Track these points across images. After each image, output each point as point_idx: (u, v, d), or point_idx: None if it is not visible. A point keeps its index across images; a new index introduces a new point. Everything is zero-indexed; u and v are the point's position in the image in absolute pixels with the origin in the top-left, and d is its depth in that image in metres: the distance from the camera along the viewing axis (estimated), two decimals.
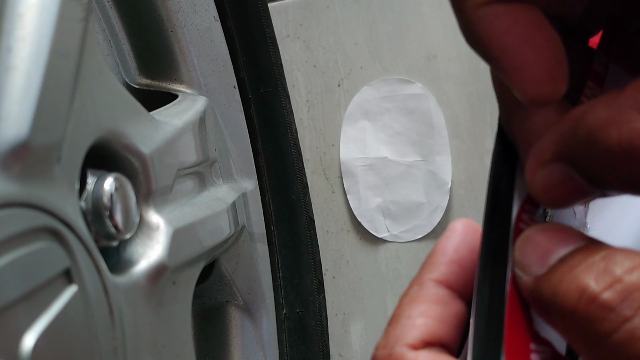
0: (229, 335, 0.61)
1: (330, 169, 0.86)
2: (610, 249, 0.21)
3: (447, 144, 0.84)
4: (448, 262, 0.26)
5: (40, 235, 0.30)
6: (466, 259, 0.26)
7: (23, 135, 0.29)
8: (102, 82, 0.38)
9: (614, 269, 0.20)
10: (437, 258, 0.27)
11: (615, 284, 0.20)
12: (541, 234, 0.23)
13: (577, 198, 0.23)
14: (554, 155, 0.23)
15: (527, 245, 0.23)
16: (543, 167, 0.23)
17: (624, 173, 0.21)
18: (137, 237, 0.41)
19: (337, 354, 0.85)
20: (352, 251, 0.86)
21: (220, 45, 0.60)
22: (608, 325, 0.20)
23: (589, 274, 0.21)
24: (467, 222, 0.27)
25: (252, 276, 0.62)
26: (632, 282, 0.20)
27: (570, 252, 0.22)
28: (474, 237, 0.27)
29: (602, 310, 0.20)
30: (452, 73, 0.85)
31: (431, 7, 0.85)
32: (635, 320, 0.20)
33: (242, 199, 0.59)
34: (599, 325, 0.20)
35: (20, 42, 0.31)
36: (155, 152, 0.43)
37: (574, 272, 0.21)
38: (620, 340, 0.20)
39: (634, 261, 0.21)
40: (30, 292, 0.28)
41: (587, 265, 0.21)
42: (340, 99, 0.86)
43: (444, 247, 0.27)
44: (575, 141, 0.22)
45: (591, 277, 0.21)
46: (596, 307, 0.20)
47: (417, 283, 0.26)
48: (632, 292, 0.20)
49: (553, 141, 0.23)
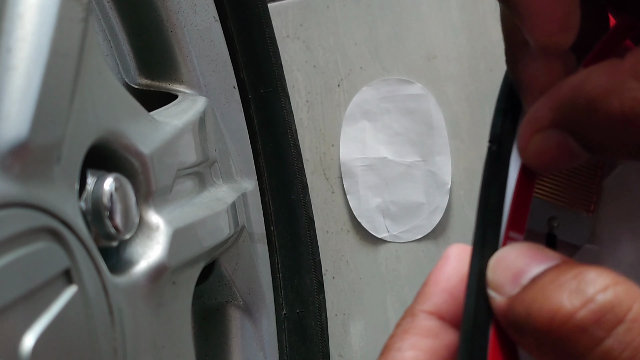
0: (229, 336, 0.61)
1: (330, 169, 0.86)
2: (583, 267, 0.21)
3: (447, 144, 0.84)
4: (440, 292, 0.26)
5: (40, 236, 0.29)
6: (458, 288, 0.26)
7: (23, 135, 0.29)
8: (102, 82, 0.38)
9: (586, 288, 0.20)
10: (430, 288, 0.26)
11: (589, 304, 0.20)
12: (514, 252, 0.23)
13: (569, 163, 0.24)
14: (552, 122, 0.23)
15: (499, 264, 0.23)
16: (539, 133, 0.23)
17: (622, 140, 0.21)
18: (137, 238, 0.41)
19: (337, 354, 0.85)
20: (352, 251, 0.86)
21: (220, 45, 0.60)
22: (582, 346, 0.20)
23: (562, 293, 0.20)
24: (460, 249, 0.27)
25: (252, 276, 0.62)
26: (605, 301, 0.20)
27: (543, 271, 0.22)
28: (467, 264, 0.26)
29: (576, 331, 0.20)
30: (452, 73, 0.85)
31: (431, 7, 0.85)
32: (608, 341, 0.19)
33: (242, 199, 0.59)
34: (573, 346, 0.20)
35: (20, 42, 0.31)
36: (155, 152, 0.43)
37: (546, 292, 0.21)
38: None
39: (606, 280, 0.20)
40: (30, 292, 0.28)
41: (559, 284, 0.21)
42: (340, 99, 0.86)
43: (437, 277, 0.26)
44: (574, 109, 0.22)
45: (564, 296, 0.20)
46: (570, 327, 0.20)
47: (410, 314, 0.26)
48: (605, 313, 0.20)
49: (550, 108, 0.23)
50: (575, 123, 0.22)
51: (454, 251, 0.27)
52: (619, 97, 0.21)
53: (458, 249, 0.27)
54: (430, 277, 0.26)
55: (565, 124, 0.23)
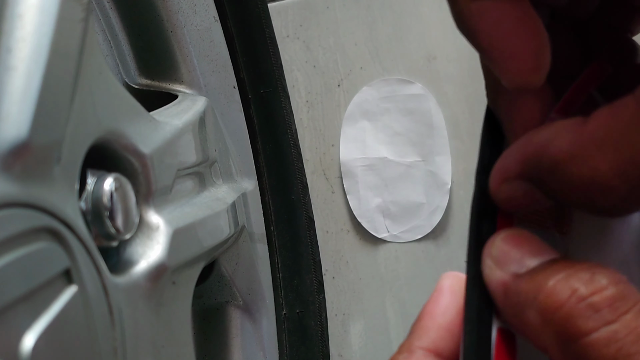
0: (229, 335, 0.61)
1: (330, 169, 0.86)
2: (592, 263, 0.23)
3: (446, 144, 0.84)
4: (437, 327, 0.26)
5: (40, 236, 0.30)
6: (454, 323, 0.26)
7: (23, 135, 0.29)
8: (102, 82, 0.38)
9: (600, 279, 0.22)
10: (426, 323, 0.27)
11: (603, 290, 0.22)
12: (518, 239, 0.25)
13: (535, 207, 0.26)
14: (518, 174, 0.25)
15: (505, 245, 0.25)
16: (507, 182, 0.26)
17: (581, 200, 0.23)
18: (137, 238, 0.41)
19: (336, 354, 0.85)
20: (352, 251, 0.86)
21: (220, 45, 0.60)
22: (591, 324, 0.21)
23: (578, 279, 0.22)
24: (454, 279, 0.27)
25: (252, 276, 0.62)
26: (617, 291, 0.22)
27: (551, 260, 0.24)
28: (462, 297, 0.27)
29: (589, 310, 0.21)
30: (451, 74, 0.85)
31: (431, 7, 0.85)
32: (615, 325, 0.21)
33: (242, 199, 0.59)
34: (582, 323, 0.21)
35: (20, 43, 0.31)
36: (155, 152, 0.43)
37: (562, 275, 0.22)
38: (599, 339, 0.21)
39: (616, 276, 0.22)
40: (30, 292, 0.28)
41: (575, 271, 0.22)
42: (340, 99, 0.86)
43: (432, 311, 0.27)
44: (539, 167, 0.24)
45: (580, 282, 0.22)
46: (584, 306, 0.22)
47: (407, 350, 0.26)
48: (616, 300, 0.22)
49: (518, 161, 0.25)
50: (540, 179, 0.24)
51: (448, 282, 0.27)
52: (578, 165, 0.23)
53: (451, 279, 0.27)
54: (425, 310, 0.27)
55: (530, 177, 0.25)
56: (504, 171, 0.26)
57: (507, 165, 0.26)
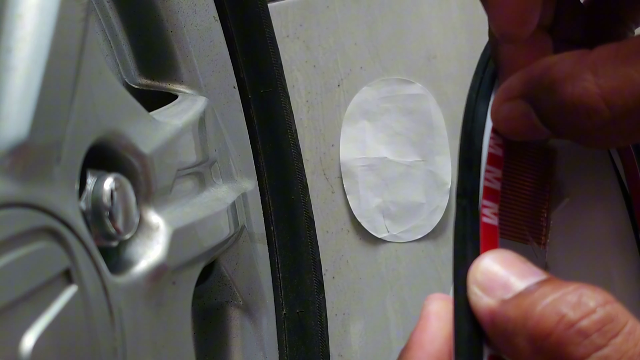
0: (229, 336, 0.61)
1: (330, 169, 0.86)
2: (579, 284, 0.23)
3: (446, 144, 0.84)
4: (426, 356, 0.26)
5: (40, 236, 0.29)
6: (443, 351, 0.26)
7: (23, 135, 0.29)
8: (102, 82, 0.38)
9: (587, 301, 0.22)
10: (415, 352, 0.26)
11: (592, 314, 0.22)
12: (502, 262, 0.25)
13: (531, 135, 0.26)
14: (520, 93, 0.26)
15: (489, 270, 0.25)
16: (509, 101, 0.26)
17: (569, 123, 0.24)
18: (137, 238, 0.41)
19: (337, 354, 0.85)
20: (352, 251, 0.86)
21: (220, 45, 0.60)
22: (582, 351, 0.21)
23: (565, 304, 0.22)
24: (439, 303, 0.27)
25: (252, 276, 0.62)
26: (605, 313, 0.22)
27: (538, 282, 0.23)
28: (449, 322, 0.27)
29: (578, 336, 0.21)
30: (451, 73, 0.85)
31: (431, 7, 0.85)
32: (606, 350, 0.21)
33: (242, 199, 0.59)
34: (573, 350, 0.21)
35: (20, 43, 0.31)
36: (155, 152, 0.43)
37: (549, 300, 0.22)
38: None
39: (604, 296, 0.22)
40: (30, 292, 0.28)
41: (562, 294, 0.22)
42: (340, 99, 0.86)
43: (420, 339, 0.26)
44: (539, 86, 0.25)
45: (568, 307, 0.22)
46: (573, 332, 0.21)
47: None
48: (605, 323, 0.21)
49: (522, 81, 0.26)
50: (537, 99, 0.25)
51: (434, 308, 0.27)
52: (572, 84, 0.23)
53: (437, 303, 0.27)
54: (413, 339, 0.27)
55: (529, 97, 0.26)
56: (508, 90, 0.27)
57: (512, 84, 0.27)
